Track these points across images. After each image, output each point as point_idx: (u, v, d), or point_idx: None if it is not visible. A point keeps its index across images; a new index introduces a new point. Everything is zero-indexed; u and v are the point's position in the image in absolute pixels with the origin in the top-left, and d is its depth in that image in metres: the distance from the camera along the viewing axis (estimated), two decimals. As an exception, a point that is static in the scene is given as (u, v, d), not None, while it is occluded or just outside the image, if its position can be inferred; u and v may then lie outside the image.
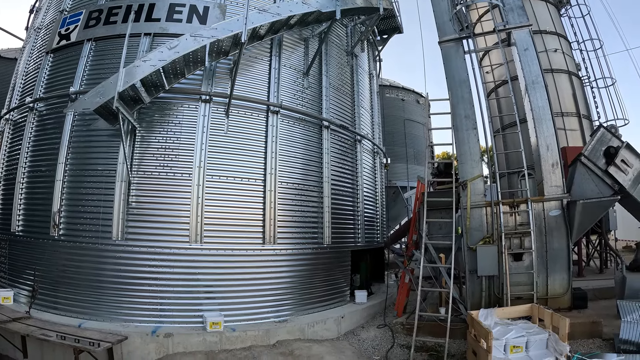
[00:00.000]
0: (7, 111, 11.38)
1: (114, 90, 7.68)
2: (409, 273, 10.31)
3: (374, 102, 13.92)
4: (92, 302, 8.38)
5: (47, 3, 12.18)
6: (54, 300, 8.67)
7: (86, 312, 8.35)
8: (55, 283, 8.75)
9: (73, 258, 8.71)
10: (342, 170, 11.19)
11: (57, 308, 8.58)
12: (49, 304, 8.68)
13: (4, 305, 8.74)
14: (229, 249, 8.76)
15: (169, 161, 8.81)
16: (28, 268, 9.21)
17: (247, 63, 9.79)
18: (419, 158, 22.04)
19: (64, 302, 8.58)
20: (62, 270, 8.75)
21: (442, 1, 11.19)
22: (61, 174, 9.13)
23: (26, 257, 9.38)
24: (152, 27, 9.57)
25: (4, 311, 8.31)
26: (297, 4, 9.55)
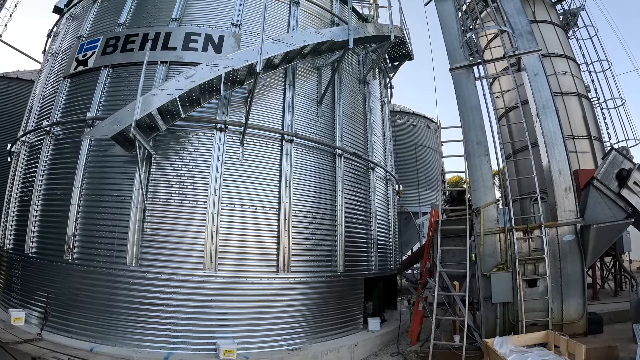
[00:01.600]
0: (23, 133, 11.57)
1: (131, 118, 7.79)
2: (423, 300, 10.23)
3: (386, 129, 13.98)
4: (104, 326, 8.35)
5: (64, 28, 12.43)
6: (66, 323, 8.66)
7: (98, 336, 8.33)
8: (67, 306, 8.75)
9: (86, 282, 8.71)
10: (355, 198, 11.20)
11: (68, 331, 8.57)
12: (61, 326, 8.66)
13: (15, 325, 8.75)
14: (243, 277, 8.75)
15: (184, 188, 8.86)
16: (40, 290, 9.22)
17: (261, 92, 9.89)
18: (430, 183, 21.95)
19: (75, 325, 8.56)
20: (74, 294, 8.75)
21: (452, 28, 11.31)
22: (76, 198, 9.21)
23: (39, 278, 9.39)
24: (168, 56, 9.73)
25: (15, 332, 8.35)
26: (310, 34, 9.69)
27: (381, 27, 11.47)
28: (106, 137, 8.38)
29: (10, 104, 17.04)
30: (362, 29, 10.89)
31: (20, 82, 17.73)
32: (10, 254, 10.50)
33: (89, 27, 11.33)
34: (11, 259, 10.39)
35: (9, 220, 11.00)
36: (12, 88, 17.47)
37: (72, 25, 12.25)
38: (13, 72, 18.59)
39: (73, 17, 12.50)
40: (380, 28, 11.37)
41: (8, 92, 17.15)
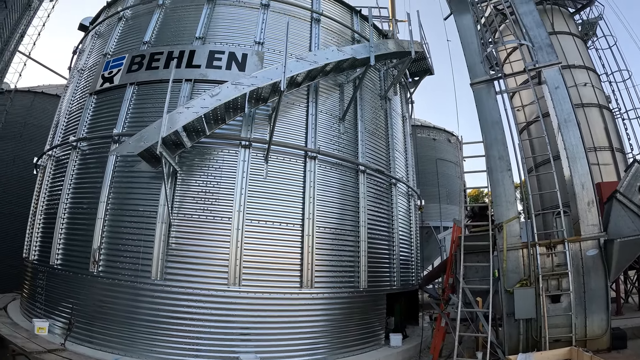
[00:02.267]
0: (50, 147, 11.83)
1: (157, 135, 7.94)
2: (446, 316, 10.16)
3: (408, 144, 14.00)
4: (128, 338, 8.44)
5: (90, 45, 12.74)
6: (89, 334, 8.76)
7: (121, 347, 8.42)
8: (91, 317, 8.86)
9: (110, 294, 8.83)
10: (378, 214, 11.20)
11: (92, 342, 8.66)
12: (84, 337, 8.77)
13: (39, 335, 8.86)
14: (267, 292, 8.79)
15: (209, 204, 8.97)
16: (64, 300, 9.35)
17: (284, 109, 9.99)
18: (451, 197, 21.87)
19: (99, 337, 8.66)
20: (98, 305, 8.87)
21: (471, 43, 11.30)
22: (102, 212, 9.35)
23: (63, 290, 9.53)
24: (192, 74, 9.92)
25: (39, 341, 8.45)
26: (332, 52, 9.82)
27: (401, 42, 11.55)
28: (133, 154, 8.57)
29: (36, 117, 17.49)
30: (383, 45, 10.98)
31: (46, 97, 18.18)
32: (35, 264, 10.67)
33: (114, 45, 11.60)
34: (36, 269, 10.56)
35: (35, 232, 11.21)
36: (38, 102, 17.91)
37: (97, 43, 12.57)
38: (38, 86, 19.12)
39: (98, 34, 12.82)
40: (400, 44, 11.44)
41: (33, 106, 17.60)
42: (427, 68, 13.89)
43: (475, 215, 12.11)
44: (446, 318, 10.17)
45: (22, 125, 16.77)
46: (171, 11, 11.46)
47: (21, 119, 16.56)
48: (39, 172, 12.50)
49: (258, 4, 11.15)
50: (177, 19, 11.20)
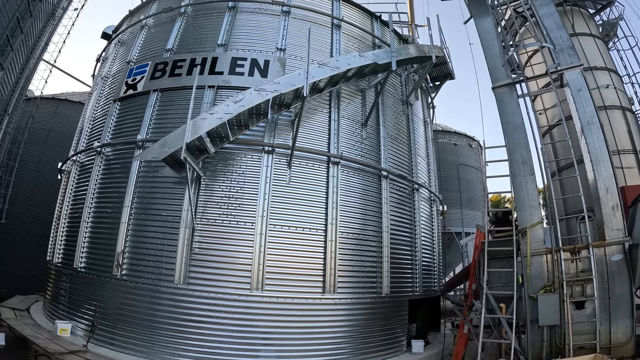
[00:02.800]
0: (74, 153, 12.07)
1: (181, 141, 8.02)
2: (468, 323, 10.05)
3: (430, 149, 13.93)
4: (149, 341, 8.53)
5: (113, 53, 12.99)
6: (112, 337, 8.88)
7: (142, 350, 8.51)
8: (113, 320, 8.98)
9: (133, 297, 8.93)
10: (400, 219, 11.15)
11: (113, 344, 8.78)
12: (106, 339, 8.90)
13: (61, 336, 9.02)
14: (289, 297, 8.80)
15: (233, 210, 9.04)
16: (87, 303, 9.49)
17: (307, 115, 10.04)
18: (473, 203, 21.67)
19: (120, 339, 8.77)
20: (121, 308, 8.98)
21: (492, 47, 11.22)
22: (126, 216, 9.49)
23: (86, 292, 9.68)
24: (215, 80, 10.05)
25: (62, 342, 8.59)
26: (354, 57, 9.84)
27: (422, 47, 11.54)
28: (157, 159, 8.68)
29: (60, 124, 17.89)
30: (403, 50, 10.96)
31: (69, 104, 18.62)
32: (59, 267, 10.85)
33: (137, 53, 11.82)
34: (59, 272, 10.75)
35: (59, 235, 11.40)
36: (61, 109, 18.34)
37: (120, 51, 12.82)
38: (62, 93, 19.56)
39: (121, 42, 13.07)
40: (421, 49, 11.43)
41: (57, 112, 18.02)
42: (448, 72, 13.84)
43: (498, 220, 11.95)
44: (469, 324, 10.06)
45: (46, 131, 17.18)
46: (193, 19, 11.64)
47: (45, 125, 16.96)
48: (63, 177, 12.76)
49: (279, 11, 11.27)
50: (198, 26, 11.37)
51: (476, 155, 22.89)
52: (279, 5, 11.30)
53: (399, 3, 14.19)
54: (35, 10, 13.36)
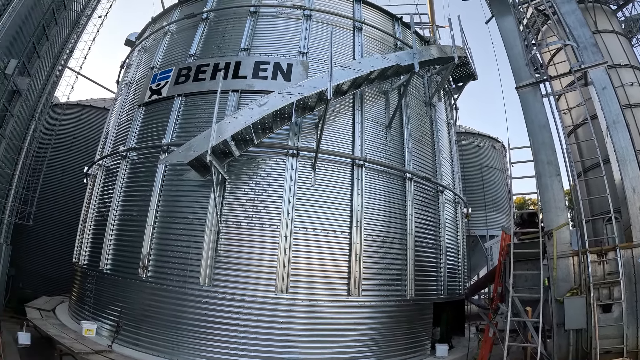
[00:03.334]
0: (100, 157, 12.30)
1: (206, 144, 8.11)
2: (494, 326, 9.93)
3: (453, 151, 13.83)
4: (174, 342, 8.62)
5: (137, 60, 13.22)
6: (136, 337, 9.00)
7: (166, 351, 8.61)
8: (138, 321, 9.10)
9: (158, 299, 9.04)
10: (424, 222, 11.07)
11: (138, 345, 8.90)
12: (131, 340, 9.02)
13: (86, 336, 9.20)
14: (314, 300, 8.81)
15: (258, 212, 9.11)
16: (112, 304, 9.65)
17: (331, 118, 10.06)
18: (497, 205, 21.33)
19: (145, 340, 8.88)
20: (145, 309, 9.11)
21: (515, 46, 11.12)
22: (152, 219, 9.62)
23: (112, 293, 9.84)
24: (239, 84, 10.16)
25: (87, 342, 8.76)
26: (377, 59, 9.85)
27: (444, 48, 11.48)
28: (182, 163, 8.78)
29: (84, 129, 18.28)
30: (426, 51, 10.93)
31: (93, 110, 19.03)
32: (85, 269, 11.05)
33: (161, 59, 12.02)
34: (85, 274, 10.94)
35: (85, 238, 11.62)
36: (86, 115, 18.76)
37: (144, 57, 13.04)
38: (86, 100, 20.01)
39: (145, 49, 13.30)
40: (443, 49, 11.37)
41: (82, 118, 18.42)
42: (471, 73, 13.72)
43: (524, 222, 11.78)
44: (494, 328, 9.95)
45: (71, 137, 17.57)
46: (215, 24, 11.79)
47: (71, 131, 17.35)
48: (89, 180, 13.00)
49: (300, 15, 11.34)
50: (221, 31, 11.51)
51: (500, 157, 22.60)
52: (300, 9, 11.37)
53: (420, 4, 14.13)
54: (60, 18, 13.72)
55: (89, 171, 13.03)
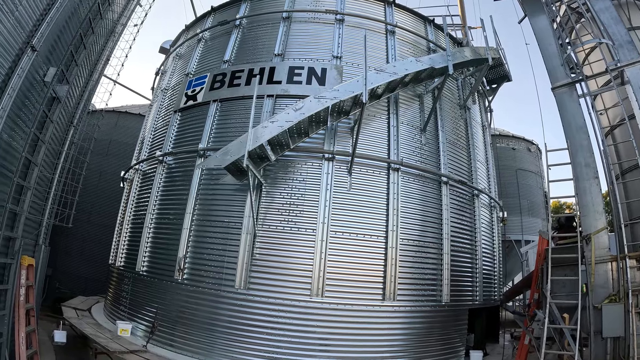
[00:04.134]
0: (136, 162, 12.61)
1: (243, 149, 8.19)
2: (530, 333, 9.75)
3: (489, 154, 13.63)
4: (208, 343, 8.73)
5: (172, 67, 13.52)
6: (171, 338, 9.14)
7: (200, 352, 8.72)
8: (173, 322, 9.25)
9: (193, 301, 9.17)
10: (460, 226, 10.92)
11: (172, 345, 9.04)
12: (165, 340, 9.17)
13: (122, 336, 9.42)
14: (349, 304, 8.79)
15: (294, 216, 9.17)
16: (148, 305, 9.84)
17: (366, 121, 10.06)
18: (533, 210, 20.86)
19: (179, 341, 9.02)
20: (181, 311, 9.24)
21: (550, 45, 10.95)
22: (188, 222, 9.78)
23: (147, 295, 10.03)
24: (274, 89, 10.26)
25: (122, 342, 8.98)
26: (411, 62, 9.80)
27: (477, 49, 11.35)
28: (219, 167, 8.90)
29: (120, 134, 18.86)
30: (459, 53, 10.82)
31: (129, 116, 19.62)
32: (121, 270, 11.32)
33: (196, 65, 12.24)
34: (121, 275, 11.21)
35: (122, 240, 11.91)
36: (122, 121, 19.34)
37: (179, 64, 13.33)
38: (122, 106, 20.63)
39: (179, 56, 13.60)
40: (476, 51, 11.24)
41: (118, 124, 18.99)
42: (505, 74, 13.51)
43: (561, 226, 11.54)
44: (530, 335, 9.76)
45: (107, 142, 18.12)
46: (248, 30, 11.96)
47: (107, 136, 17.90)
48: (126, 184, 13.33)
49: (333, 19, 11.40)
50: (254, 37, 11.67)
51: (535, 160, 22.11)
52: (332, 14, 11.43)
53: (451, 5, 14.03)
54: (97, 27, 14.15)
55: (126, 175, 13.37)
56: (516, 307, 17.77)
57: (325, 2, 11.80)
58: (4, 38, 7.46)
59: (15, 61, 7.95)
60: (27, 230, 9.55)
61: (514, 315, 13.22)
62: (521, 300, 18.20)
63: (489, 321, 12.66)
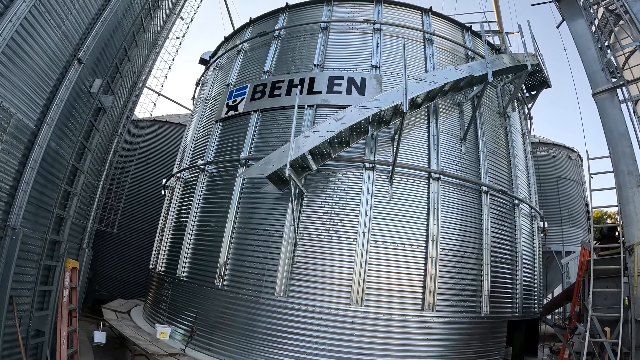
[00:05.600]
0: (178, 170, 12.98)
1: (285, 158, 8.35)
2: (570, 347, 9.52)
3: (529, 162, 13.38)
4: (245, 349, 8.85)
5: (212, 78, 13.88)
6: (209, 343, 9.30)
7: (238, 357, 8.84)
8: (211, 327, 9.41)
9: (232, 307, 9.32)
10: (500, 236, 10.74)
11: (210, 350, 9.20)
12: (204, 345, 9.34)
13: (160, 339, 9.65)
14: (388, 314, 8.77)
15: (334, 225, 9.24)
16: (187, 310, 10.04)
17: (406, 131, 10.07)
18: (574, 219, 20.28)
19: (217, 345, 9.16)
20: (220, 316, 9.39)
21: (589, 49, 10.74)
22: (229, 230, 9.98)
23: (187, 300, 10.23)
24: (314, 99, 10.41)
25: (161, 345, 9.21)
26: (450, 71, 9.77)
27: (516, 56, 11.19)
28: (261, 176, 9.07)
29: (161, 143, 19.47)
30: (498, 60, 10.71)
31: (169, 125, 20.26)
32: (162, 275, 11.60)
33: (236, 76, 12.56)
34: (162, 280, 11.48)
35: (163, 246, 12.22)
36: (162, 130, 20.00)
37: (219, 75, 13.68)
38: (162, 116, 21.33)
39: (219, 67, 13.96)
40: (515, 57, 11.09)
41: (158, 133, 19.61)
42: (544, 80, 13.22)
43: (603, 237, 11.25)
44: (570, 349, 9.53)
45: (149, 150, 18.72)
46: (287, 41, 12.19)
47: (148, 145, 18.48)
48: (167, 192, 13.72)
49: (370, 29, 11.49)
50: (293, 48, 11.87)
51: (576, 168, 21.49)
52: (370, 23, 11.52)
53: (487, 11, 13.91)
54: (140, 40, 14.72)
55: (167, 183, 13.76)
56: (555, 320, 17.26)
57: (363, 12, 11.91)
58: (52, 51, 7.84)
59: (62, 73, 8.33)
60: (72, 234, 9.88)
61: (554, 328, 12.89)
62: (561, 313, 17.70)
63: (528, 334, 12.31)
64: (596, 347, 9.01)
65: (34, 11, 7.07)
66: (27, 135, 7.51)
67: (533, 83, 13.68)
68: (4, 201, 7.08)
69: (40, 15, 7.26)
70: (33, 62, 7.37)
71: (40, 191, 8.14)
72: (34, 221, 8.01)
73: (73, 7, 8.30)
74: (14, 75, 6.93)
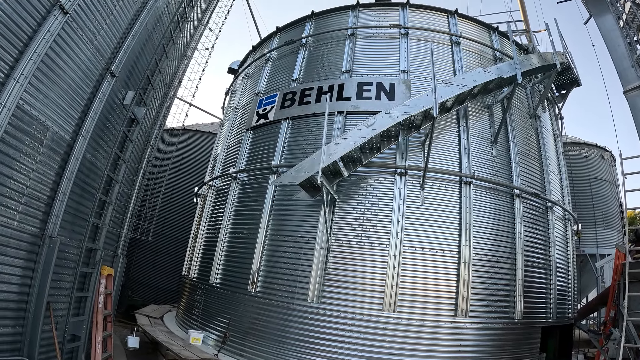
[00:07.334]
0: (210, 178, 13.22)
1: (317, 165, 8.39)
2: (605, 353, 9.23)
3: (561, 164, 13.10)
4: (277, 355, 8.89)
5: (241, 87, 14.12)
6: (241, 348, 9.39)
7: None
8: (244, 333, 9.50)
9: (265, 313, 9.40)
10: (533, 240, 10.52)
11: (242, 355, 9.28)
12: (236, 350, 9.43)
13: (193, 344, 9.76)
14: (420, 319, 8.70)
15: (367, 231, 9.26)
16: (220, 316, 10.17)
17: (436, 135, 10.02)
18: (608, 221, 19.61)
19: (250, 351, 9.25)
20: (252, 322, 9.49)
21: (618, 46, 10.41)
22: (262, 237, 10.10)
23: (220, 306, 10.37)
24: (344, 106, 10.46)
25: (193, 350, 9.31)
26: (479, 73, 9.69)
27: (545, 55, 10.99)
28: (293, 184, 9.16)
29: (191, 152, 19.90)
30: (527, 61, 10.54)
31: (199, 134, 20.69)
32: (194, 282, 11.79)
33: (265, 84, 12.74)
34: (195, 286, 11.67)
35: (195, 253, 12.44)
36: (192, 139, 20.43)
37: (248, 84, 13.91)
38: (192, 125, 21.79)
39: (248, 76, 14.19)
40: (544, 57, 10.89)
41: (189, 142, 20.04)
42: (574, 79, 12.94)
43: (638, 238, 10.88)
44: (605, 355, 9.23)
45: (180, 159, 19.15)
46: (314, 49, 12.32)
47: (179, 154, 18.88)
48: (199, 200, 13.99)
49: (397, 34, 11.51)
50: (320, 55, 11.99)
51: (609, 168, 20.81)
52: (397, 28, 11.54)
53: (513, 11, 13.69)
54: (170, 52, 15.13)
55: (199, 191, 14.02)
56: (590, 325, 16.71)
57: (389, 17, 11.94)
58: (85, 66, 8.13)
59: (96, 86, 8.62)
60: (107, 242, 10.15)
61: (588, 334, 12.48)
62: (595, 319, 17.14)
63: (562, 340, 11.96)
64: (632, 352, 8.70)
65: (67, 27, 7.37)
66: (63, 147, 7.81)
67: (562, 82, 13.40)
68: (42, 211, 7.37)
69: (72, 31, 7.55)
70: (67, 76, 7.66)
71: (76, 201, 8.44)
72: (70, 230, 8.30)
73: (104, 22, 8.60)
74: (50, 90, 7.23)
